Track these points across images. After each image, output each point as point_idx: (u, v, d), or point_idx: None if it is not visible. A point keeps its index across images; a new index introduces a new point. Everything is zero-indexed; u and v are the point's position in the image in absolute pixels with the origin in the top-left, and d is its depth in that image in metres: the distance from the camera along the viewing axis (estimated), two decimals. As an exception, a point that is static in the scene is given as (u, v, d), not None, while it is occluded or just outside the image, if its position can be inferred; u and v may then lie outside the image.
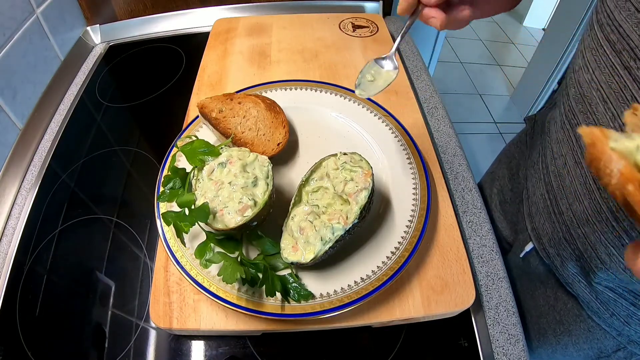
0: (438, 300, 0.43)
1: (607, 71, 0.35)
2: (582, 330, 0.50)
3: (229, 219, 0.41)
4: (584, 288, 0.47)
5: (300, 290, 0.41)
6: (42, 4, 0.68)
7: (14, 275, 0.48)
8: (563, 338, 0.53)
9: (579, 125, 0.40)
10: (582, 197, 0.41)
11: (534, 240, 0.52)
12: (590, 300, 0.47)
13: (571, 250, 0.45)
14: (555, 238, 0.48)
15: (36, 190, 0.57)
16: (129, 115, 0.69)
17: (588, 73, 0.38)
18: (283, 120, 0.55)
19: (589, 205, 0.40)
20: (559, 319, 0.53)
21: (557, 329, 0.54)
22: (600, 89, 0.36)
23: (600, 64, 0.36)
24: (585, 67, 0.38)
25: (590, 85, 0.37)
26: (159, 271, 0.45)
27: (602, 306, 0.46)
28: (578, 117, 0.40)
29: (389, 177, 0.52)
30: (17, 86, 0.61)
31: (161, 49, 0.83)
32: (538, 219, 0.51)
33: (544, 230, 0.50)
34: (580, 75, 0.39)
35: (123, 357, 0.42)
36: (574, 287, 0.48)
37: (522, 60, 2.56)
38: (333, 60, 0.72)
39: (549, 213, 0.48)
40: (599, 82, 0.36)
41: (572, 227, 0.44)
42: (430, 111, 0.69)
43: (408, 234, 0.45)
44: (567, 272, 0.48)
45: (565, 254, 0.46)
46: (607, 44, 0.34)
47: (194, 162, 0.44)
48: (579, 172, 0.41)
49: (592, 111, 0.38)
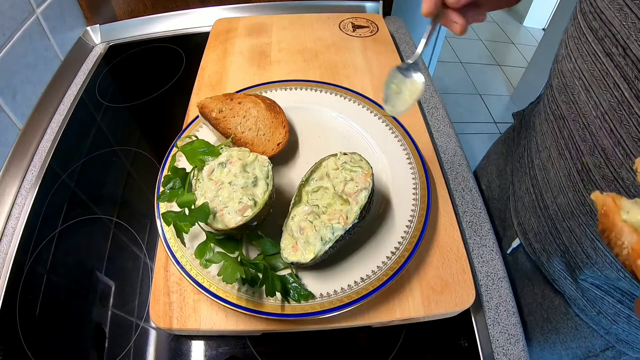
0: (438, 300, 0.43)
1: (589, 59, 0.35)
2: (570, 328, 0.50)
3: (229, 219, 0.41)
4: (570, 285, 0.47)
5: (300, 290, 0.41)
6: (42, 4, 0.68)
7: (14, 275, 0.48)
8: (551, 336, 0.53)
9: (562, 115, 0.40)
10: (566, 189, 0.41)
11: (520, 235, 0.52)
12: (577, 298, 0.47)
13: (556, 245, 0.45)
14: (541, 233, 0.47)
15: (36, 190, 0.57)
16: (129, 115, 0.69)
17: (571, 62, 0.37)
18: (283, 120, 0.55)
19: (573, 198, 0.40)
20: (546, 316, 0.53)
21: (544, 327, 0.54)
22: (583, 77, 0.36)
23: (583, 52, 0.35)
24: (568, 57, 0.38)
25: (572, 74, 0.37)
26: (159, 271, 0.45)
27: (589, 304, 0.46)
28: (561, 107, 0.40)
29: (389, 177, 0.52)
30: (17, 86, 0.61)
31: (161, 49, 0.83)
32: (524, 214, 0.51)
33: (530, 225, 0.49)
34: (563, 65, 0.39)
35: (123, 357, 0.42)
36: (560, 283, 0.48)
37: (522, 60, 2.56)
38: (333, 60, 0.72)
39: (534, 207, 0.48)
40: (581, 70, 0.36)
41: (557, 221, 0.44)
42: (430, 111, 0.69)
43: (408, 234, 0.45)
44: (553, 269, 0.48)
45: (550, 249, 0.46)
46: (589, 32, 0.34)
47: (194, 162, 0.44)
48: (563, 164, 0.41)
49: (574, 100, 0.37)
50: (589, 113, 0.35)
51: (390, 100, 0.39)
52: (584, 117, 0.36)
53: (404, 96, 0.39)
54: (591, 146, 0.36)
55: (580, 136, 0.37)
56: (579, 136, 0.37)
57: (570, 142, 0.39)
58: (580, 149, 0.38)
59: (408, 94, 0.39)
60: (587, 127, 0.36)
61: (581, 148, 0.37)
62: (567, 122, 0.39)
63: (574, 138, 0.38)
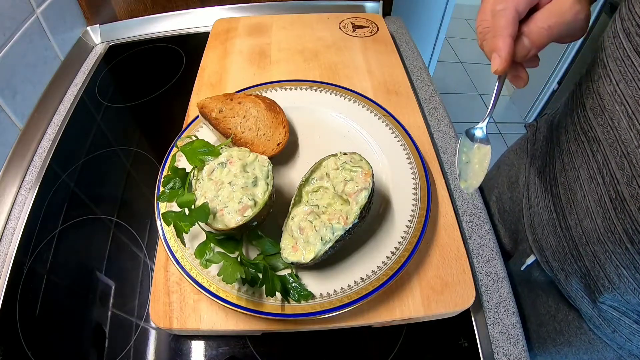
0: (438, 300, 0.43)
1: (634, 85, 0.32)
2: (583, 342, 0.49)
3: (229, 219, 0.41)
4: (587, 304, 0.46)
5: (300, 290, 0.41)
6: (42, 4, 0.68)
7: (14, 275, 0.48)
8: (563, 348, 0.53)
9: (596, 138, 0.38)
10: (594, 214, 0.39)
11: (536, 252, 0.51)
12: (593, 316, 0.46)
13: (577, 267, 0.44)
14: (560, 252, 0.46)
15: (36, 190, 0.57)
16: (129, 115, 0.69)
17: (611, 84, 0.35)
18: (283, 120, 0.55)
19: (602, 224, 0.38)
20: (559, 329, 0.52)
21: (557, 339, 0.53)
22: (625, 103, 0.33)
23: (627, 76, 0.33)
24: (607, 78, 0.35)
25: (612, 98, 0.35)
26: (159, 271, 0.45)
27: (605, 323, 0.45)
28: (596, 130, 0.38)
29: (389, 177, 0.52)
30: (17, 86, 0.61)
31: (161, 49, 0.83)
32: (541, 231, 0.49)
33: (548, 243, 0.48)
34: (600, 86, 0.37)
35: (123, 357, 0.42)
36: (577, 301, 0.47)
37: (522, 60, 2.55)
38: (333, 60, 0.72)
39: (554, 226, 0.46)
40: (623, 95, 0.33)
41: (581, 244, 0.42)
42: (430, 111, 0.69)
43: (408, 234, 0.45)
44: (571, 287, 0.47)
45: (570, 269, 0.45)
46: (635, 56, 0.32)
47: (194, 162, 0.44)
48: (594, 189, 0.39)
49: (613, 125, 0.35)
50: (630, 142, 0.33)
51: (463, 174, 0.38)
52: (624, 145, 0.34)
53: (473, 165, 0.38)
54: (629, 176, 0.34)
55: (617, 164, 0.35)
56: (616, 163, 0.35)
57: (604, 168, 0.37)
58: (616, 176, 0.35)
59: (477, 163, 0.38)
60: (626, 155, 0.34)
61: (617, 176, 0.35)
62: (602, 146, 0.37)
63: (609, 164, 0.36)
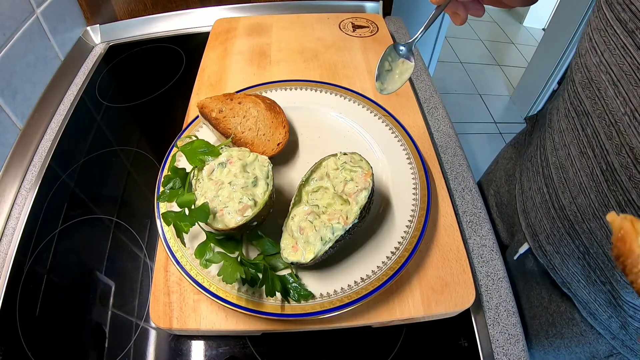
0: (438, 300, 0.43)
1: (617, 52, 0.33)
2: (575, 333, 0.49)
3: (229, 219, 0.41)
4: (583, 288, 0.46)
5: (300, 290, 0.41)
6: (42, 4, 0.68)
7: (14, 275, 0.48)
8: (555, 340, 0.53)
9: (585, 112, 0.38)
10: (588, 189, 0.39)
11: (529, 238, 0.51)
12: (589, 301, 0.46)
13: (575, 247, 0.44)
14: (554, 234, 0.46)
15: (36, 190, 0.57)
16: (129, 115, 0.69)
17: (596, 56, 0.35)
18: (283, 120, 0.55)
19: (596, 199, 0.38)
20: (551, 321, 0.52)
21: (549, 331, 0.53)
22: (610, 71, 0.34)
23: (610, 45, 0.33)
24: (593, 50, 0.36)
25: (598, 69, 0.35)
26: (159, 271, 0.45)
27: (601, 308, 0.45)
28: (585, 103, 0.38)
29: (389, 177, 0.52)
30: (17, 86, 0.61)
31: (161, 49, 0.83)
32: (534, 215, 0.49)
33: (541, 227, 0.48)
34: (587, 59, 0.37)
35: (123, 357, 0.42)
36: (572, 286, 0.47)
37: (522, 60, 2.56)
38: (333, 60, 0.72)
39: (547, 208, 0.46)
40: (608, 64, 0.34)
41: (577, 222, 0.42)
42: (430, 111, 0.69)
43: (408, 234, 0.45)
44: (567, 271, 0.47)
45: (566, 250, 0.45)
46: (617, 24, 0.32)
47: (194, 162, 0.44)
48: (585, 163, 0.39)
49: (600, 96, 0.35)
50: (617, 110, 0.34)
51: (382, 77, 0.41)
52: (611, 114, 0.34)
53: (394, 75, 0.41)
54: (618, 145, 0.34)
55: (605, 134, 0.35)
56: (605, 134, 0.36)
57: (594, 140, 0.37)
58: (605, 147, 0.36)
59: (398, 73, 0.41)
60: (614, 124, 0.34)
61: (606, 146, 0.36)
62: (591, 118, 0.37)
63: (598, 136, 0.36)
